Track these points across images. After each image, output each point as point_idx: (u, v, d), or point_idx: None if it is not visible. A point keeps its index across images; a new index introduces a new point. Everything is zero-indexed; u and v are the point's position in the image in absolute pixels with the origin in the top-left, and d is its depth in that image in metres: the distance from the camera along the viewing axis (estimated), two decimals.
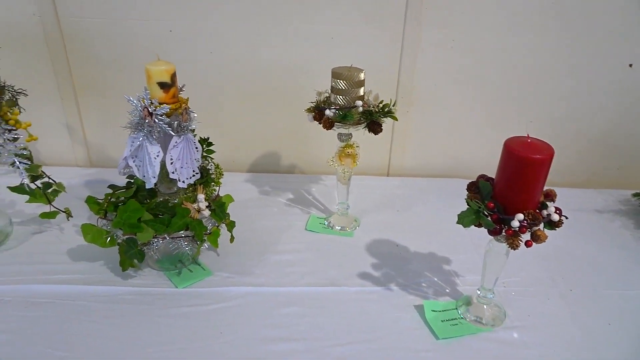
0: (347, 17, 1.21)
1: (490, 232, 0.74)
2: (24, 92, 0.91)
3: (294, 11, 1.20)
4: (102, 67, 1.26)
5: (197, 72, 1.26)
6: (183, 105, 0.86)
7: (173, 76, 0.85)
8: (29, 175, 0.92)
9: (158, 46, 1.23)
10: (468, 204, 0.74)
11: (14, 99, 0.88)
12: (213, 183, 0.96)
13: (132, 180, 1.00)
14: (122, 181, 0.98)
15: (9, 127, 0.87)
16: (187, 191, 0.95)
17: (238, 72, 1.27)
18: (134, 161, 0.88)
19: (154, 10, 1.20)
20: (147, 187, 0.88)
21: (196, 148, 0.91)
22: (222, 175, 1.00)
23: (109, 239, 0.89)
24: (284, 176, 1.38)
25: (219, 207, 0.94)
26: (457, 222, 0.75)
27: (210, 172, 0.97)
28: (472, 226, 0.76)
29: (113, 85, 1.28)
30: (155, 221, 0.87)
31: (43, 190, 0.97)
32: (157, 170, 0.85)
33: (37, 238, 1.05)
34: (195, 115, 0.89)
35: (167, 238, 0.87)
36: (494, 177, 0.78)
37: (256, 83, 1.28)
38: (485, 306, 0.87)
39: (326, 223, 1.14)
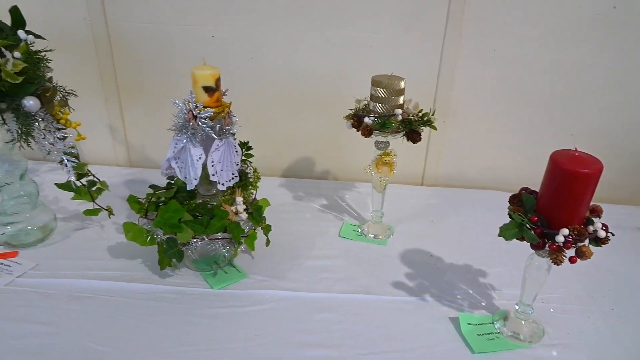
0: (387, 26, 1.21)
1: (533, 247, 0.73)
2: (74, 92, 0.95)
3: (335, 18, 1.21)
4: (145, 70, 1.30)
5: (236, 77, 1.28)
6: (226, 109, 0.88)
7: (217, 81, 0.86)
8: (75, 173, 0.95)
9: (200, 51, 1.26)
10: (511, 217, 0.73)
11: (65, 100, 0.91)
12: (251, 187, 0.98)
13: (172, 181, 1.03)
14: (161, 181, 1.00)
15: (60, 126, 0.90)
16: (226, 194, 0.96)
17: (276, 78, 1.29)
18: (176, 163, 0.90)
19: (198, 17, 1.23)
20: (187, 188, 0.90)
21: (236, 151, 0.92)
22: (260, 179, 1.02)
23: (149, 237, 0.91)
24: (317, 182, 1.39)
25: (256, 211, 0.95)
26: (499, 235, 0.74)
27: (249, 175, 0.98)
28: (510, 239, 0.74)
29: (155, 88, 1.32)
30: (194, 222, 0.88)
31: (88, 188, 1.00)
32: (199, 172, 0.87)
33: (79, 234, 1.09)
34: (237, 119, 0.91)
35: (206, 239, 0.88)
36: (535, 190, 0.77)
37: (293, 89, 1.30)
38: (523, 322, 0.85)
39: (360, 230, 1.14)
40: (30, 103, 0.85)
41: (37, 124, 0.89)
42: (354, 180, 1.40)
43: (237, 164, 0.93)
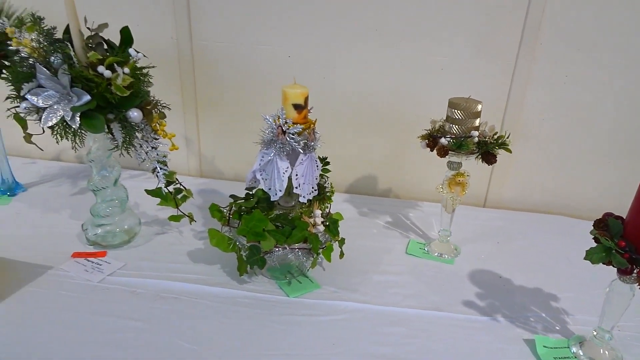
0: (458, 48, 1.24)
1: (621, 272, 0.73)
2: (167, 106, 1.02)
3: (407, 41, 1.25)
4: (222, 87, 1.37)
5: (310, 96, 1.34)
6: (312, 126, 0.93)
7: (306, 99, 0.92)
8: (166, 180, 1.02)
9: (276, 70, 1.33)
10: (598, 241, 0.74)
11: (163, 113, 0.98)
12: (326, 200, 1.02)
13: (250, 192, 1.08)
14: (228, 192, 1.07)
15: (156, 137, 0.98)
16: (303, 206, 1.01)
17: (345, 97, 1.34)
18: (261, 175, 0.96)
19: (276, 37, 1.30)
20: (271, 199, 0.95)
21: (317, 166, 0.97)
22: (334, 193, 1.06)
23: (231, 245, 0.96)
24: (379, 199, 1.41)
25: (332, 224, 0.99)
26: (585, 258, 0.74)
27: (326, 189, 1.02)
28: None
29: (230, 104, 1.39)
30: (277, 231, 0.93)
31: (174, 195, 1.07)
32: (285, 184, 0.91)
33: (160, 238, 1.15)
34: (320, 135, 0.95)
35: (287, 248, 0.93)
36: (615, 215, 0.77)
37: (360, 108, 1.34)
38: (601, 349, 0.84)
39: (426, 249, 1.16)
40: (135, 115, 0.93)
41: (137, 133, 0.96)
42: (414, 198, 1.42)
43: (317, 178, 0.98)
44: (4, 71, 1.15)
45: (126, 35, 0.96)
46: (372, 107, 1.34)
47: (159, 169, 1.00)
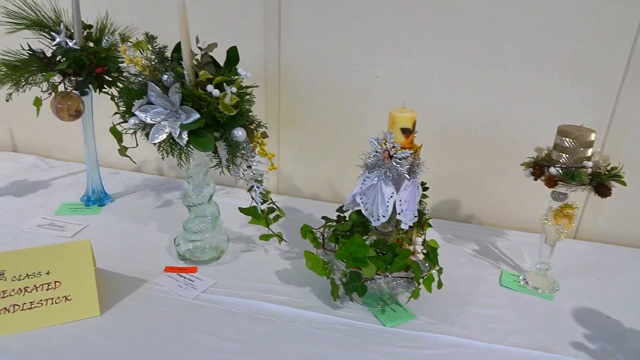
0: (557, 73, 1.19)
1: None
2: (265, 125, 1.02)
3: (500, 63, 1.21)
4: (306, 105, 1.37)
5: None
6: (418, 150, 0.90)
7: (414, 123, 0.89)
8: (262, 199, 1.01)
9: (362, 90, 1.32)
10: None
11: (265, 132, 0.98)
12: (425, 227, 0.98)
13: (342, 214, 1.07)
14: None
15: (256, 156, 0.97)
16: (400, 232, 0.98)
17: (432, 118, 1.30)
18: (361, 198, 0.94)
19: (365, 57, 1.29)
20: (372, 225, 0.92)
21: (419, 192, 0.94)
22: (430, 219, 1.02)
23: (328, 269, 0.94)
24: (462, 225, 1.37)
25: (432, 252, 0.95)
26: None
27: (425, 215, 0.99)
28: None
29: (313, 123, 1.39)
30: (378, 258, 0.90)
31: (266, 215, 1.06)
32: (390, 210, 0.89)
33: (247, 256, 1.15)
34: (424, 160, 0.93)
35: (389, 277, 0.90)
36: None
37: (446, 130, 1.31)
38: None
39: (521, 281, 1.10)
40: (240, 133, 0.93)
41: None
42: (500, 226, 1.36)
43: (417, 204, 0.95)
44: (105, 86, 1.20)
45: (233, 55, 0.97)
46: (459, 129, 1.30)
47: (255, 187, 1.00)
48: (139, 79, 0.96)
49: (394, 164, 0.87)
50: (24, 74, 1.11)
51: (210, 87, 0.92)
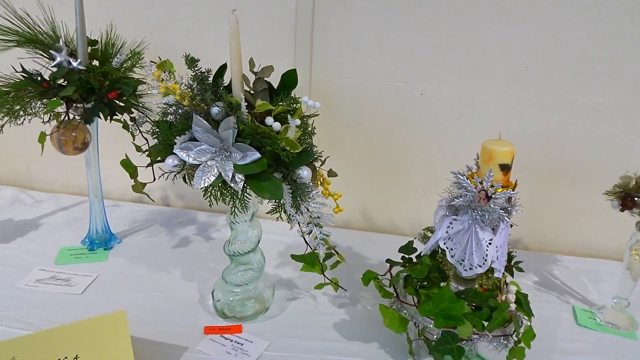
0: (622, 89, 1.10)
1: None
2: (320, 157, 0.87)
3: (558, 80, 1.12)
4: (341, 125, 1.23)
5: (441, 136, 1.20)
6: (515, 189, 0.79)
7: (513, 158, 0.78)
8: (324, 245, 0.87)
9: (405, 109, 1.19)
10: None
11: (333, 170, 0.84)
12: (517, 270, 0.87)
13: (406, 255, 0.94)
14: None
15: (318, 196, 0.83)
16: (483, 278, 0.86)
17: (481, 138, 1.19)
18: (445, 244, 0.81)
19: (407, 74, 1.16)
20: (463, 275, 0.80)
21: (508, 232, 0.83)
22: (520, 262, 0.91)
23: (412, 328, 0.81)
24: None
25: (523, 299, 0.84)
26: None
27: (513, 257, 0.88)
28: None
29: (346, 144, 1.25)
30: (473, 314, 0.78)
31: (323, 260, 0.92)
32: (491, 257, 0.77)
33: (294, 306, 1.00)
34: (519, 199, 0.81)
35: (489, 335, 0.78)
36: None
37: None
38: None
39: (597, 318, 1.01)
40: (305, 174, 0.78)
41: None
42: (545, 251, 1.28)
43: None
44: (117, 113, 1.02)
45: (290, 79, 0.82)
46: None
47: (317, 232, 0.85)
48: (178, 109, 0.79)
49: (493, 206, 0.75)
50: (20, 101, 0.91)
51: (269, 120, 0.77)
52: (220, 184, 0.77)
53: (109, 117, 0.99)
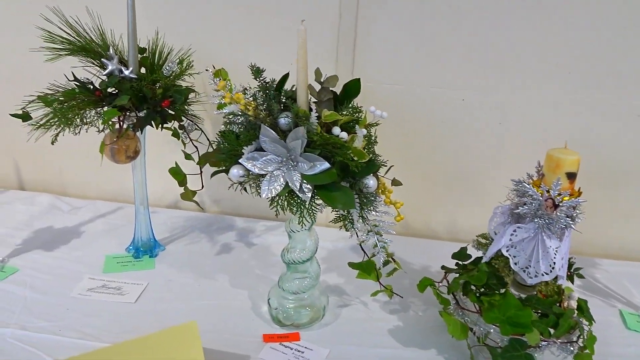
0: None
1: None
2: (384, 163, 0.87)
3: (603, 83, 1.12)
4: (383, 130, 1.23)
5: (482, 142, 1.21)
6: (579, 196, 0.79)
7: (579, 166, 0.78)
8: (385, 253, 0.87)
9: (446, 114, 1.20)
10: None
11: (399, 180, 0.84)
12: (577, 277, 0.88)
13: (460, 261, 0.95)
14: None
15: (380, 205, 0.83)
16: (541, 285, 0.87)
17: (523, 144, 1.20)
18: (508, 251, 0.82)
19: (448, 80, 1.17)
20: (529, 283, 0.80)
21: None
22: (581, 269, 0.92)
23: (474, 334, 0.82)
24: None
25: (584, 305, 0.85)
26: None
27: (574, 264, 0.88)
28: None
29: (388, 149, 1.25)
30: (540, 322, 0.79)
31: (380, 269, 0.92)
32: (559, 265, 0.77)
33: (347, 313, 1.00)
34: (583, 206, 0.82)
35: (556, 342, 0.78)
36: None
37: (538, 156, 1.21)
38: None
39: None
40: (372, 183, 0.78)
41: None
42: (583, 254, 1.28)
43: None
44: (167, 121, 1.01)
45: (353, 88, 0.82)
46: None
47: (376, 241, 0.85)
48: (243, 119, 0.79)
49: (560, 214, 0.76)
50: (75, 111, 0.91)
51: (336, 130, 0.77)
52: (286, 194, 0.78)
53: (160, 125, 0.99)
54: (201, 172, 1.04)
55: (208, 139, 1.04)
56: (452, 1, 1.11)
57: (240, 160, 0.77)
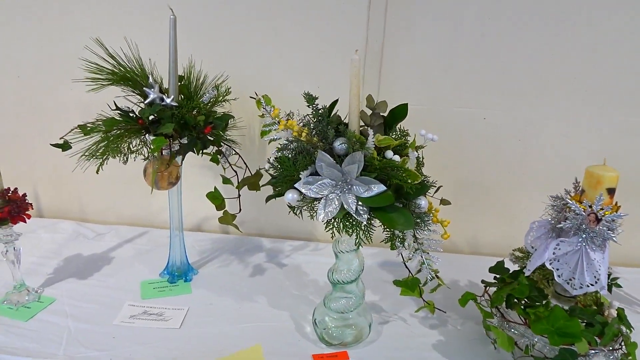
0: None
1: None
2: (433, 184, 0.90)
3: (618, 101, 1.18)
4: None
5: (502, 159, 1.26)
6: (618, 210, 0.84)
7: (617, 181, 0.83)
8: (432, 271, 0.90)
9: (467, 132, 1.24)
10: None
11: (448, 200, 0.87)
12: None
13: (497, 275, 0.98)
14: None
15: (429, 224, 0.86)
16: (580, 295, 0.90)
17: (544, 161, 1.25)
18: (551, 264, 0.85)
19: (470, 100, 1.21)
20: (574, 293, 0.84)
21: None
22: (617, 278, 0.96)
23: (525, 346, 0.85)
24: None
25: (622, 313, 0.89)
26: None
27: (611, 274, 0.92)
28: None
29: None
30: (587, 331, 0.82)
31: (423, 285, 0.95)
32: (603, 278, 0.81)
33: (388, 330, 1.02)
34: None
35: (605, 350, 0.82)
36: None
37: (559, 174, 1.24)
38: None
39: None
40: (423, 203, 0.82)
41: None
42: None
43: None
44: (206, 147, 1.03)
45: (401, 112, 0.85)
46: (573, 174, 1.26)
47: (423, 259, 0.88)
48: (297, 145, 0.82)
49: (603, 227, 0.80)
50: (120, 140, 0.92)
51: (389, 153, 0.80)
52: (341, 217, 0.80)
53: (201, 151, 1.01)
54: (239, 195, 1.06)
55: (245, 164, 1.06)
56: (474, 26, 1.16)
57: (296, 185, 0.80)
